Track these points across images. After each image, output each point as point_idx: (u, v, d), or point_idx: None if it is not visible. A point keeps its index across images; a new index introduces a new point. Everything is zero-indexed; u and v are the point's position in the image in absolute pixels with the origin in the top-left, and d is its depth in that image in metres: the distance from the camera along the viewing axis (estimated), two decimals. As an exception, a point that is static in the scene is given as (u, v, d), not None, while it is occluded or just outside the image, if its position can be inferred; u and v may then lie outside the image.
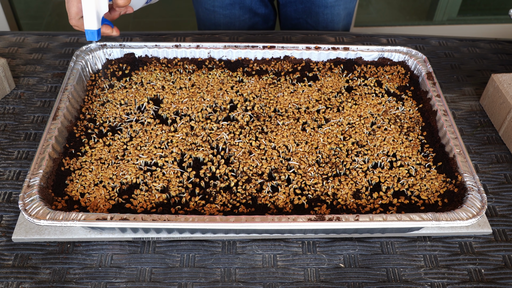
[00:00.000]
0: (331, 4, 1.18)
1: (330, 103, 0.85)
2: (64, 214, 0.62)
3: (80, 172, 0.71)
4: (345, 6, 1.20)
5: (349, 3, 1.21)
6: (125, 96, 0.84)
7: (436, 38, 1.14)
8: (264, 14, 1.24)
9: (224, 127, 0.79)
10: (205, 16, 1.22)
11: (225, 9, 1.19)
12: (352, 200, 0.69)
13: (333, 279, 0.67)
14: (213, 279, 0.66)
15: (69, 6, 0.75)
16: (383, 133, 0.79)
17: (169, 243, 0.70)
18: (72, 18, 0.76)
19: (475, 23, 2.31)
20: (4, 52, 1.03)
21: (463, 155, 0.72)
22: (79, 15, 0.76)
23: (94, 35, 0.75)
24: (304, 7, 1.20)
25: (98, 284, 0.65)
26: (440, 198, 0.70)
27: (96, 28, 0.75)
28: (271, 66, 0.91)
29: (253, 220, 0.62)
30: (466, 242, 0.72)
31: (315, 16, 1.20)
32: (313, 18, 1.21)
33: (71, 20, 0.76)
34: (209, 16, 1.21)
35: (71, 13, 0.75)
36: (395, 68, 0.92)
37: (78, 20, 0.76)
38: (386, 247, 0.71)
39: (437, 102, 0.81)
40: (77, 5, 0.75)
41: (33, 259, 0.67)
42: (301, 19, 1.23)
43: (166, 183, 0.70)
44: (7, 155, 0.81)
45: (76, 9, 0.75)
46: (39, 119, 0.88)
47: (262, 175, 0.72)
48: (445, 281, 0.67)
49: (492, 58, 1.08)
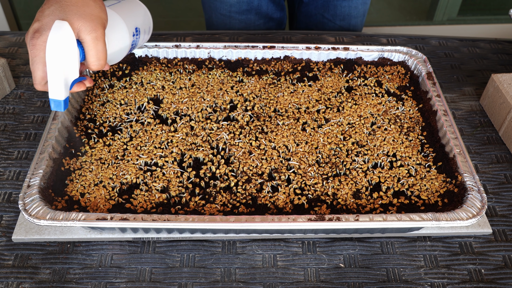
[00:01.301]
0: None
1: (330, 103, 0.85)
2: (64, 214, 0.62)
3: (80, 172, 0.71)
4: (363, 0, 1.20)
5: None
6: (125, 96, 0.84)
7: (436, 38, 1.14)
8: (278, 18, 1.24)
9: (224, 127, 0.79)
10: (220, 21, 1.22)
11: (242, 14, 1.18)
12: (352, 200, 0.69)
13: (333, 279, 0.67)
14: (213, 279, 0.66)
15: (34, 69, 0.64)
16: (383, 133, 0.79)
17: (169, 243, 0.70)
18: (37, 83, 0.65)
19: (475, 23, 2.31)
20: (4, 52, 1.03)
21: (463, 155, 0.72)
22: (45, 79, 0.65)
23: (61, 106, 0.65)
24: (323, 2, 1.20)
25: (98, 284, 0.65)
26: (440, 198, 0.70)
27: (63, 98, 0.64)
28: (271, 66, 0.91)
29: (253, 220, 0.62)
30: (466, 242, 0.72)
31: (333, 9, 1.20)
32: (330, 12, 1.21)
33: (36, 85, 0.65)
34: (224, 22, 1.21)
35: (35, 78, 0.64)
36: (395, 68, 0.92)
37: (44, 86, 0.65)
38: (386, 247, 0.71)
39: (437, 102, 0.81)
40: (43, 68, 0.63)
41: (33, 259, 0.67)
42: (318, 15, 1.23)
43: (166, 183, 0.70)
44: (7, 155, 0.81)
45: (42, 73, 0.64)
46: (39, 119, 0.88)
47: (262, 175, 0.72)
48: (445, 281, 0.67)
49: (492, 58, 1.08)
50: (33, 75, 0.65)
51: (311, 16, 1.24)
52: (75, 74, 0.65)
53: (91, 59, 0.65)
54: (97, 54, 0.65)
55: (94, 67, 0.66)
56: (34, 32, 0.63)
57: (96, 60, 0.65)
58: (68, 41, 0.61)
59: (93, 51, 0.65)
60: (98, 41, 0.64)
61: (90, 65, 0.66)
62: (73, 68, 0.64)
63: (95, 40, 0.64)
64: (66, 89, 0.65)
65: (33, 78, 0.65)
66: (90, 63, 0.66)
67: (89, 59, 0.65)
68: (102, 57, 0.65)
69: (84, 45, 0.64)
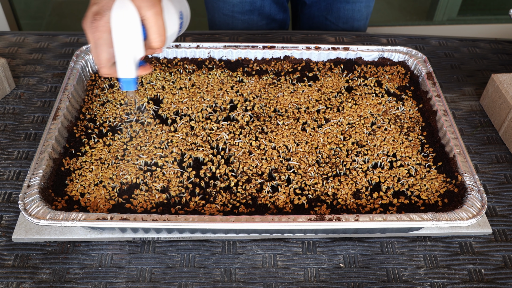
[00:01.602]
0: (353, 0, 1.18)
1: (330, 103, 0.85)
2: (64, 214, 0.62)
3: (80, 172, 0.71)
4: (367, 3, 1.20)
5: (371, 1, 1.21)
6: (125, 96, 0.84)
7: (436, 38, 1.14)
8: (281, 19, 1.24)
9: (224, 127, 0.79)
10: (222, 21, 1.22)
11: (244, 14, 1.18)
12: (352, 200, 0.69)
13: (333, 279, 0.67)
14: (213, 279, 0.66)
15: (98, 52, 0.63)
16: (383, 133, 0.79)
17: (169, 243, 0.70)
18: (103, 66, 0.64)
19: (475, 23, 2.31)
20: (4, 52, 1.03)
21: (463, 155, 0.72)
22: (111, 61, 0.64)
23: (131, 84, 0.65)
24: (326, 4, 1.20)
25: (98, 284, 0.65)
26: (440, 198, 0.70)
27: (134, 76, 0.64)
28: (271, 66, 0.91)
29: (253, 220, 0.62)
30: (466, 242, 0.72)
31: (336, 12, 1.20)
32: (333, 14, 1.21)
33: (102, 69, 0.65)
34: (226, 22, 1.21)
35: (101, 60, 0.64)
36: (395, 68, 0.92)
37: (110, 68, 0.65)
38: (386, 247, 0.71)
39: (437, 102, 0.81)
40: (108, 50, 0.63)
41: (33, 259, 0.67)
42: (321, 17, 1.23)
43: (166, 183, 0.70)
44: (7, 155, 0.81)
45: (107, 55, 0.64)
46: (39, 119, 0.88)
47: (262, 175, 0.72)
48: (445, 281, 0.67)
49: (492, 58, 1.08)
50: (98, 58, 0.64)
51: (314, 18, 1.24)
52: (141, 52, 0.64)
53: (153, 35, 0.64)
54: (158, 30, 0.64)
55: (156, 43, 0.65)
56: (94, 15, 0.62)
57: (158, 36, 0.64)
58: (132, 18, 0.61)
59: (155, 27, 0.64)
60: (159, 16, 0.63)
61: (152, 42, 0.65)
62: (139, 45, 0.64)
63: (156, 15, 0.63)
64: (135, 68, 0.65)
65: (97, 61, 0.64)
66: (152, 40, 0.65)
67: (151, 36, 0.64)
68: (163, 33, 0.65)
69: (146, 22, 0.63)
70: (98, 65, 0.65)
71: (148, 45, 0.65)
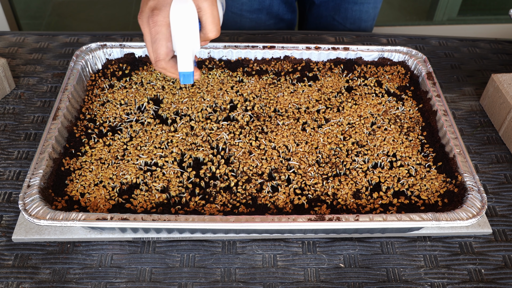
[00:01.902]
0: (360, 1, 1.18)
1: (330, 103, 0.85)
2: (64, 214, 0.62)
3: (80, 172, 0.71)
4: (374, 5, 1.20)
5: (378, 2, 1.21)
6: (125, 96, 0.84)
7: (436, 38, 1.14)
8: (289, 20, 1.24)
9: (224, 127, 0.79)
10: (230, 19, 1.22)
11: (252, 13, 1.18)
12: (352, 200, 0.69)
13: (333, 279, 0.67)
14: (213, 279, 0.66)
15: (157, 46, 0.64)
16: (383, 133, 0.79)
17: (169, 243, 0.70)
18: (161, 60, 0.65)
19: (475, 23, 2.31)
20: (4, 52, 1.03)
21: (463, 155, 0.72)
22: (169, 56, 0.66)
23: (191, 78, 0.67)
24: (334, 4, 1.20)
25: (98, 284, 0.65)
26: (440, 198, 0.70)
27: (192, 69, 0.66)
28: (271, 66, 0.91)
29: (253, 220, 0.62)
30: (466, 242, 0.72)
31: (344, 12, 1.20)
32: (341, 14, 1.21)
33: (158, 62, 0.66)
34: (234, 20, 1.21)
35: (159, 54, 0.65)
36: (395, 68, 0.92)
37: (167, 62, 0.66)
38: (386, 247, 0.71)
39: (437, 102, 0.81)
40: (166, 44, 0.64)
41: (33, 259, 0.67)
42: (328, 17, 1.23)
43: (166, 183, 0.70)
44: (7, 155, 0.81)
45: (166, 49, 0.65)
46: (39, 119, 0.88)
47: (262, 175, 0.72)
48: (445, 281, 0.67)
49: (492, 58, 1.08)
50: (155, 52, 0.65)
51: (321, 18, 1.24)
52: (198, 46, 0.66)
53: (209, 26, 0.65)
54: (214, 20, 0.65)
55: (212, 33, 0.66)
56: (151, 10, 0.63)
57: (214, 26, 0.65)
58: (192, 11, 0.62)
59: (211, 17, 0.65)
60: (214, 7, 0.64)
61: (208, 32, 0.66)
62: (196, 39, 0.65)
63: (212, 6, 0.64)
64: (193, 61, 0.66)
65: (155, 56, 0.65)
66: (209, 31, 0.66)
67: (208, 27, 0.65)
68: (219, 22, 0.66)
69: (202, 13, 0.64)
70: (156, 59, 0.66)
71: (204, 36, 0.66)
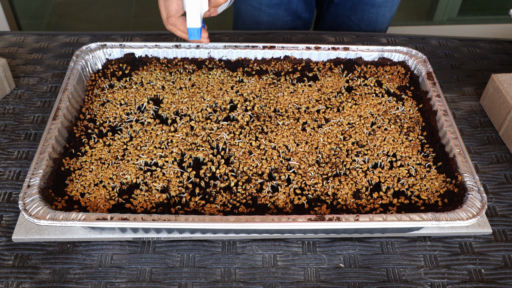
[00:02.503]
0: (378, 4, 1.18)
1: (330, 103, 0.85)
2: (64, 214, 0.62)
3: (80, 172, 0.71)
4: (390, 8, 1.20)
5: (394, 6, 1.21)
6: (125, 96, 0.84)
7: (436, 38, 1.14)
8: (306, 19, 1.24)
9: (224, 127, 0.79)
10: (248, 13, 1.22)
11: (271, 8, 1.18)
12: (352, 200, 0.69)
13: (333, 279, 0.67)
14: (213, 279, 0.66)
15: (168, 3, 0.72)
16: (383, 133, 0.79)
17: (169, 243, 0.70)
18: (171, 16, 0.73)
19: (475, 23, 2.31)
20: (4, 52, 1.03)
21: (463, 155, 0.72)
22: (179, 13, 0.73)
23: (198, 34, 0.73)
24: (352, 4, 1.20)
25: (98, 284, 0.65)
26: (440, 198, 0.70)
27: (200, 26, 0.72)
28: (271, 66, 0.91)
29: (253, 220, 0.62)
30: (466, 242, 0.72)
31: (360, 13, 1.20)
32: (357, 15, 1.21)
33: (169, 18, 0.73)
34: (252, 14, 1.21)
35: (170, 11, 0.72)
36: (395, 68, 0.92)
37: (177, 19, 0.73)
38: (386, 247, 0.71)
39: (437, 102, 0.81)
40: (177, 2, 0.72)
41: (33, 259, 0.67)
42: (345, 16, 1.23)
43: (166, 183, 0.70)
44: (7, 155, 0.81)
45: (176, 7, 0.72)
46: (39, 119, 0.88)
47: (262, 175, 0.72)
48: (445, 281, 0.67)
49: (492, 58, 1.08)
50: (167, 9, 0.72)
51: (338, 17, 1.24)
52: (206, 5, 0.72)
53: None
54: None
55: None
56: None
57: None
58: None
59: None
60: None
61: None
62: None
63: None
64: (201, 18, 0.72)
65: (167, 12, 0.73)
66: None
67: None
68: None
69: None
70: (167, 15, 0.73)
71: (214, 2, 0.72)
